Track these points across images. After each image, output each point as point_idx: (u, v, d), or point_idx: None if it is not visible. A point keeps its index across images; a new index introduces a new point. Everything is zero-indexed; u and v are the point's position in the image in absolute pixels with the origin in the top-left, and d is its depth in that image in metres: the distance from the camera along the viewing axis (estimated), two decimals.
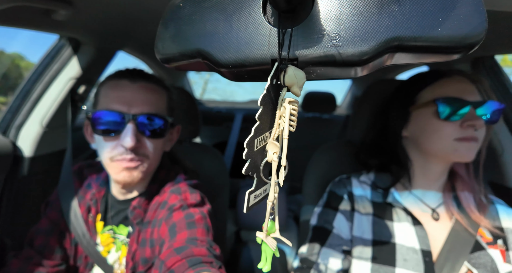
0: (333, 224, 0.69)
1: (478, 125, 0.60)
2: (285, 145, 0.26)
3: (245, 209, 0.26)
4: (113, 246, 0.69)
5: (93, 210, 0.69)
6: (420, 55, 0.24)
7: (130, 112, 0.60)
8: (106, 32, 0.85)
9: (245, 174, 0.25)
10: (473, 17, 0.22)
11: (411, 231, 0.64)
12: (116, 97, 0.60)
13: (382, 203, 0.69)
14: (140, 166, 0.62)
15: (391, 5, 0.23)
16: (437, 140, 0.64)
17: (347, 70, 0.25)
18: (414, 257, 0.61)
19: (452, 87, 0.64)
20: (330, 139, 1.89)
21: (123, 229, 0.69)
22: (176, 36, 0.28)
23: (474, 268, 0.59)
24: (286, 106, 0.25)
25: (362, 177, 0.76)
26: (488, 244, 0.62)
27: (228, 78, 0.29)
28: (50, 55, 0.92)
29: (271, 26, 0.25)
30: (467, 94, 0.62)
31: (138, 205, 0.67)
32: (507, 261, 0.60)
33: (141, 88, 0.62)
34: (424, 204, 0.68)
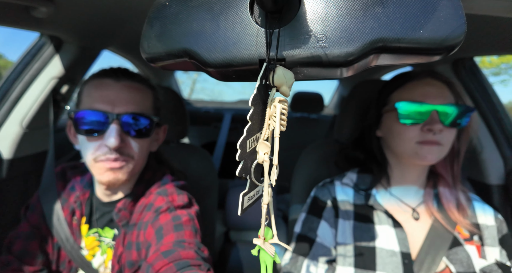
0: (317, 232, 0.69)
1: (436, 129, 0.61)
2: (277, 144, 0.25)
3: (240, 212, 0.26)
4: (99, 250, 0.67)
5: (78, 213, 0.67)
6: (403, 56, 0.25)
7: (114, 111, 0.58)
8: (89, 31, 0.83)
9: (239, 176, 0.25)
10: (453, 20, 0.22)
11: (391, 234, 0.65)
12: (99, 96, 0.59)
13: (364, 205, 0.70)
14: (124, 167, 0.61)
15: (376, 7, 0.23)
16: (401, 142, 0.66)
17: (333, 71, 0.25)
18: (393, 259, 0.62)
19: (418, 91, 0.65)
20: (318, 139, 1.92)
21: (109, 232, 0.67)
22: (162, 35, 0.27)
23: (451, 263, 0.61)
24: (277, 105, 0.25)
25: (344, 179, 0.77)
26: (465, 240, 0.64)
27: (216, 78, 0.29)
28: (30, 54, 0.88)
29: (258, 26, 0.25)
30: (432, 97, 0.63)
31: (123, 207, 0.65)
32: (482, 257, 0.62)
33: (125, 87, 0.61)
34: (404, 204, 0.69)
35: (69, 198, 0.69)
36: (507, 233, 0.66)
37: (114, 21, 0.79)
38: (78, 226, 0.67)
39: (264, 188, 0.27)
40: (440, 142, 0.62)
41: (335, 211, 0.71)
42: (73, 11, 0.66)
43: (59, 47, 0.89)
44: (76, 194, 0.69)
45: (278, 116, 0.25)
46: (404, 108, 0.64)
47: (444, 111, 0.61)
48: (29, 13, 0.61)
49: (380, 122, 0.73)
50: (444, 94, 0.64)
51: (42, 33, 0.85)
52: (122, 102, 0.59)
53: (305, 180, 0.93)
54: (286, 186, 1.93)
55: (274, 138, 0.25)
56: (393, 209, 0.69)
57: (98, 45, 0.98)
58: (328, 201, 0.73)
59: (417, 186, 0.71)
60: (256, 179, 0.27)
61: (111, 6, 0.66)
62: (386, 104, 0.71)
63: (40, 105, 0.90)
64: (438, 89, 0.64)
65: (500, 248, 0.64)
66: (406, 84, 0.68)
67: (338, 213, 0.70)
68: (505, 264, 0.61)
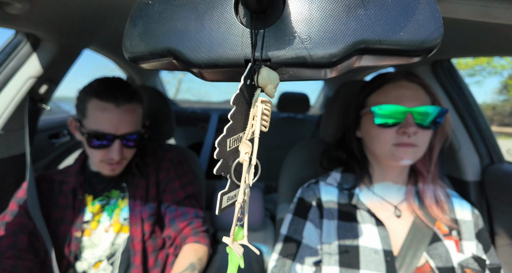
0: (303, 233, 0.70)
1: (410, 132, 0.62)
2: (256, 144, 0.26)
3: (217, 211, 0.26)
4: (102, 215, 0.82)
5: (80, 192, 0.81)
6: (385, 58, 0.25)
7: (117, 133, 0.76)
8: (69, 29, 0.80)
9: (217, 174, 0.25)
10: (430, 23, 0.23)
11: (374, 232, 0.66)
12: (105, 120, 0.74)
13: (347, 204, 0.71)
14: (121, 166, 0.83)
15: (358, 9, 0.24)
16: (378, 144, 0.68)
17: (317, 72, 0.25)
18: (376, 257, 0.63)
19: (393, 93, 0.66)
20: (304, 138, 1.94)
21: (115, 193, 0.85)
22: (145, 34, 0.27)
23: (431, 258, 0.63)
24: (259, 105, 0.25)
25: (329, 179, 0.78)
26: (445, 235, 0.67)
27: (201, 78, 0.29)
28: (5, 52, 0.84)
29: (243, 27, 0.25)
30: (406, 100, 0.64)
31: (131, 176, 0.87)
32: (460, 251, 0.64)
33: (125, 112, 0.76)
34: (387, 202, 0.71)
35: (62, 189, 0.82)
36: (483, 228, 0.69)
37: (95, 19, 0.77)
38: (83, 202, 0.81)
39: (240, 187, 0.26)
40: (415, 144, 0.64)
41: (320, 212, 0.72)
42: (50, 8, 0.64)
43: (37, 45, 0.85)
44: (71, 181, 0.83)
45: (259, 116, 0.25)
46: (380, 111, 0.65)
47: (419, 113, 0.63)
48: (3, 9, 0.58)
49: (359, 123, 0.75)
50: (418, 96, 0.65)
51: (18, 30, 0.81)
52: (122, 125, 0.76)
53: (292, 180, 0.94)
54: (273, 186, 1.94)
55: (254, 138, 0.26)
56: (375, 208, 0.70)
57: (78, 44, 0.95)
58: (313, 202, 0.74)
59: (399, 184, 0.73)
60: (236, 179, 0.27)
61: (91, 4, 0.64)
62: (364, 107, 0.73)
63: (16, 106, 0.86)
64: (412, 91, 0.65)
65: (476, 242, 0.66)
66: (382, 86, 0.69)
67: (323, 214, 0.71)
68: (481, 257, 0.64)
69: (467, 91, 1.06)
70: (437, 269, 0.61)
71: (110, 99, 0.74)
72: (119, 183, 0.87)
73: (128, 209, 0.83)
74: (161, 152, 0.95)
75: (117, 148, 0.76)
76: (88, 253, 0.79)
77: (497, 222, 0.98)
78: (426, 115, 0.63)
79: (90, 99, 0.75)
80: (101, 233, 0.80)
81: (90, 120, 0.75)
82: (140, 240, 0.80)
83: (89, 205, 0.82)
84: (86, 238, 0.79)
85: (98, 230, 0.80)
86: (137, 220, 0.81)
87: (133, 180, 0.86)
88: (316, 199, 0.74)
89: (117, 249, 0.80)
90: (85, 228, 0.80)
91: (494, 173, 1.00)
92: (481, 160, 1.04)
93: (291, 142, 1.37)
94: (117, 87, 0.77)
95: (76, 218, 0.79)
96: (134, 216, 0.81)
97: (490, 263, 0.65)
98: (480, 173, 1.04)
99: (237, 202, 0.27)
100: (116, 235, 0.81)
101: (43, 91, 0.93)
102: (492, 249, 0.68)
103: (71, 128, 0.82)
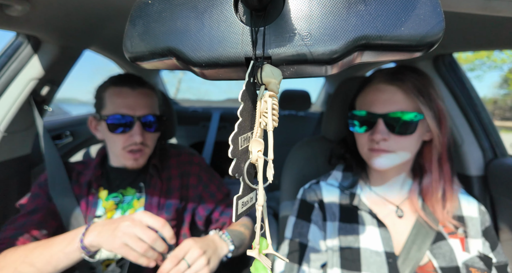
0: (308, 236, 0.69)
1: (377, 139, 0.61)
2: (271, 139, 0.24)
3: (234, 218, 0.24)
4: (115, 212, 0.81)
5: (95, 185, 0.82)
6: (386, 53, 0.25)
7: (136, 114, 0.78)
8: (69, 30, 0.80)
9: (232, 175, 0.24)
10: (432, 17, 0.23)
11: (375, 234, 0.65)
12: (122, 103, 0.77)
13: (349, 205, 0.70)
14: (143, 155, 0.82)
15: (358, 5, 0.23)
16: (359, 147, 0.69)
17: (318, 68, 0.25)
18: (377, 259, 0.62)
19: (369, 97, 0.65)
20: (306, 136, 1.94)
21: (130, 191, 0.84)
22: (145, 34, 0.27)
23: (434, 258, 0.62)
24: (268, 100, 0.25)
25: (329, 179, 0.77)
26: (450, 234, 0.65)
27: (202, 77, 0.29)
28: (6, 54, 0.85)
29: (243, 25, 0.25)
30: (379, 104, 0.62)
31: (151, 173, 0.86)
32: (466, 249, 0.63)
33: (140, 94, 0.79)
34: (388, 201, 0.70)
35: (79, 180, 0.83)
36: (490, 225, 0.67)
37: (95, 20, 0.77)
38: (96, 195, 0.81)
39: (259, 186, 0.25)
40: (388, 150, 0.62)
41: (323, 214, 0.71)
42: (50, 9, 0.64)
43: (38, 47, 0.85)
44: (89, 173, 0.84)
45: (269, 110, 0.24)
46: (353, 117, 0.66)
47: (390, 118, 0.61)
48: (3, 11, 0.58)
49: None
50: (393, 100, 0.62)
51: (18, 32, 0.82)
52: (139, 107, 0.78)
53: (294, 177, 0.94)
54: (276, 184, 1.95)
55: (268, 132, 0.25)
56: (377, 208, 0.69)
57: (79, 45, 0.95)
58: (315, 203, 0.73)
59: (400, 182, 0.71)
60: (249, 181, 0.26)
61: (91, 5, 0.64)
62: (352, 107, 0.72)
63: (18, 108, 0.87)
64: (388, 94, 0.62)
65: (483, 239, 0.64)
66: (364, 88, 0.68)
67: (326, 216, 0.71)
68: (487, 255, 0.62)
69: (469, 85, 1.05)
70: (440, 269, 0.60)
71: (125, 84, 0.79)
72: (136, 181, 0.86)
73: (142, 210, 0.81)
74: (186, 156, 0.94)
75: (138, 130, 0.77)
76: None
77: (501, 217, 0.97)
78: (397, 120, 0.60)
79: (107, 89, 0.79)
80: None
81: (108, 107, 0.78)
82: None
83: (103, 200, 0.81)
84: None
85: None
86: None
87: (151, 181, 0.85)
88: (318, 200, 0.73)
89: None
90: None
91: (497, 167, 0.99)
92: (484, 154, 1.04)
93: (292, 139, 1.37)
94: (130, 75, 0.83)
95: (88, 212, 0.79)
96: None
97: (497, 261, 0.63)
98: (483, 167, 1.03)
99: (257, 205, 0.25)
100: None
101: (45, 93, 0.93)
102: (499, 247, 0.66)
103: (91, 128, 0.85)
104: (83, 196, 0.80)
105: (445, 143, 0.66)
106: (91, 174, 0.83)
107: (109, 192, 0.83)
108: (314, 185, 0.77)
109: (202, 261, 0.62)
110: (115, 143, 0.79)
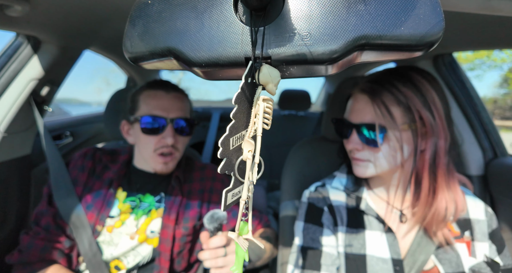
0: (321, 242, 0.66)
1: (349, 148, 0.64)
2: (259, 143, 0.26)
3: (223, 208, 0.26)
4: (129, 216, 0.80)
5: (115, 184, 0.81)
6: (386, 53, 0.25)
7: (169, 116, 0.79)
8: (69, 30, 0.80)
9: (221, 173, 0.25)
10: (431, 17, 0.23)
11: (382, 240, 0.64)
12: (156, 104, 0.79)
13: (355, 209, 0.69)
14: (174, 159, 0.83)
15: (358, 4, 0.23)
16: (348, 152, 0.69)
17: (318, 68, 0.25)
18: (384, 267, 0.61)
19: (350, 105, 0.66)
20: (306, 136, 1.94)
21: (149, 198, 0.83)
22: (144, 34, 0.27)
23: (440, 264, 0.60)
24: (260, 103, 0.25)
25: (334, 182, 0.75)
26: (456, 238, 0.63)
27: (202, 77, 0.29)
28: (6, 54, 0.85)
29: (243, 25, 0.25)
30: (354, 114, 0.63)
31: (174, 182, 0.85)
32: (472, 254, 0.61)
33: (174, 97, 0.81)
34: (392, 206, 0.68)
35: (103, 175, 0.83)
36: (497, 228, 0.65)
37: (95, 20, 0.77)
38: (114, 195, 0.80)
39: (244, 184, 0.27)
40: (362, 159, 0.63)
41: (333, 218, 0.69)
42: (49, 10, 0.64)
43: (38, 47, 0.86)
44: (114, 170, 0.84)
45: (261, 115, 0.25)
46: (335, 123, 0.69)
47: (361, 130, 0.62)
48: (3, 11, 0.58)
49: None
50: (364, 111, 0.61)
51: (18, 32, 0.82)
52: (173, 110, 0.80)
53: (295, 177, 0.94)
54: (276, 184, 1.95)
55: (256, 136, 0.26)
56: (382, 213, 0.67)
57: (79, 45, 0.95)
58: (325, 207, 0.71)
59: (401, 187, 0.68)
60: (240, 176, 0.27)
61: (91, 5, 0.64)
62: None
63: (18, 108, 0.87)
64: (361, 105, 0.62)
65: (490, 242, 0.63)
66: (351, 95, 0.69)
67: (337, 220, 0.69)
68: (494, 260, 0.61)
69: (469, 85, 1.05)
70: None
71: (160, 87, 0.81)
72: (156, 189, 0.85)
73: (159, 222, 0.81)
74: (210, 171, 0.93)
75: (171, 132, 0.78)
76: (105, 249, 0.78)
77: (501, 217, 0.97)
78: (366, 132, 0.61)
79: (141, 92, 0.82)
80: (122, 235, 0.78)
81: (142, 109, 0.79)
82: (169, 258, 0.78)
83: (120, 201, 0.81)
84: (107, 233, 0.78)
85: (120, 231, 0.78)
86: (168, 237, 0.79)
87: (172, 193, 0.84)
88: (327, 205, 0.71)
89: (139, 260, 0.79)
90: (109, 223, 0.78)
91: (497, 167, 0.99)
92: (484, 154, 1.04)
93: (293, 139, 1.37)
94: (165, 81, 0.86)
95: (102, 210, 0.79)
96: (166, 233, 0.79)
97: (504, 264, 0.61)
98: (484, 167, 1.03)
99: (241, 199, 0.27)
100: (139, 244, 0.79)
101: (45, 93, 0.93)
102: (506, 250, 0.64)
103: (123, 133, 0.86)
104: (101, 193, 0.80)
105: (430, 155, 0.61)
106: (115, 172, 0.83)
107: (127, 195, 0.82)
108: (321, 188, 0.75)
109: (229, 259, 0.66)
110: (146, 145, 0.80)
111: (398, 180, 0.66)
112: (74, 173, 0.83)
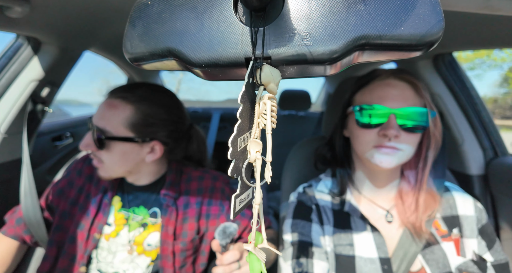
0: (311, 235, 0.66)
1: (391, 135, 0.58)
2: (270, 141, 0.25)
3: (232, 216, 0.25)
4: (123, 228, 0.78)
5: (110, 194, 0.80)
6: (386, 53, 0.25)
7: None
8: (69, 31, 0.80)
9: (231, 176, 0.24)
10: (431, 16, 0.23)
11: (369, 240, 0.64)
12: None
13: (341, 211, 0.69)
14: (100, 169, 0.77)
15: (358, 4, 0.23)
16: (359, 145, 0.65)
17: (318, 68, 0.25)
18: (372, 267, 0.61)
19: (377, 92, 0.62)
20: (306, 136, 1.94)
21: (142, 211, 0.81)
22: (145, 35, 0.27)
23: (427, 265, 0.60)
24: (267, 102, 0.25)
25: (320, 185, 0.75)
26: (443, 237, 0.63)
27: (202, 78, 0.29)
28: (6, 56, 0.85)
29: (243, 25, 0.25)
30: (391, 100, 0.60)
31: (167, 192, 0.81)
32: (461, 253, 0.61)
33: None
34: (378, 206, 0.68)
35: (99, 182, 0.81)
36: (486, 223, 0.65)
37: (95, 21, 0.77)
38: (108, 205, 0.79)
39: (256, 187, 0.25)
40: (397, 148, 0.59)
41: (320, 217, 0.70)
42: (50, 11, 0.64)
43: (38, 49, 0.86)
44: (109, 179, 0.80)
45: (269, 113, 0.25)
46: (361, 111, 0.62)
47: (402, 115, 0.58)
48: (3, 13, 0.59)
49: (346, 122, 0.72)
50: (405, 95, 0.60)
51: (19, 34, 0.82)
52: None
53: (295, 177, 0.94)
54: (276, 184, 1.95)
55: (266, 134, 0.25)
56: (368, 213, 0.67)
57: (79, 46, 0.95)
58: (313, 206, 0.72)
59: (388, 186, 0.68)
60: (247, 180, 0.26)
61: (91, 6, 0.65)
62: (350, 105, 0.69)
63: (19, 109, 0.87)
64: (399, 90, 0.60)
65: (479, 238, 0.63)
66: (369, 84, 0.65)
67: (323, 219, 0.69)
68: (481, 257, 0.60)
69: (469, 84, 1.05)
70: None
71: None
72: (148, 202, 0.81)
73: (156, 236, 0.79)
74: (209, 181, 0.85)
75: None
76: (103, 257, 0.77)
77: (502, 216, 0.97)
78: (410, 117, 0.58)
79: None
80: (119, 245, 0.77)
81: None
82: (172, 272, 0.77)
83: (115, 210, 0.80)
84: (105, 241, 0.78)
85: (116, 241, 0.77)
86: (168, 253, 0.76)
87: (168, 209, 0.79)
88: (314, 204, 0.72)
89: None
90: (106, 232, 0.78)
91: (498, 166, 0.99)
92: (485, 153, 1.04)
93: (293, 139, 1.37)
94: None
95: (98, 219, 0.78)
96: (166, 249, 0.77)
97: (495, 259, 0.61)
98: (484, 166, 1.03)
99: (254, 203, 0.26)
100: (137, 255, 0.78)
101: (45, 94, 0.93)
102: (497, 244, 0.63)
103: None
104: (96, 202, 0.79)
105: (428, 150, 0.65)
106: (110, 181, 0.81)
107: (122, 205, 0.81)
108: (308, 188, 0.76)
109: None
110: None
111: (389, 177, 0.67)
112: (73, 175, 0.83)
